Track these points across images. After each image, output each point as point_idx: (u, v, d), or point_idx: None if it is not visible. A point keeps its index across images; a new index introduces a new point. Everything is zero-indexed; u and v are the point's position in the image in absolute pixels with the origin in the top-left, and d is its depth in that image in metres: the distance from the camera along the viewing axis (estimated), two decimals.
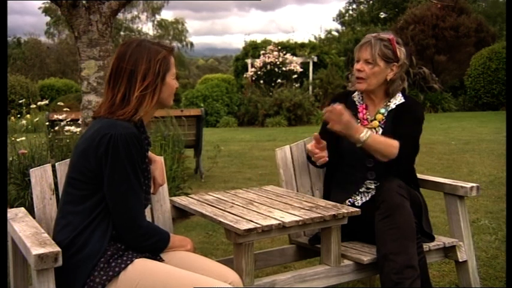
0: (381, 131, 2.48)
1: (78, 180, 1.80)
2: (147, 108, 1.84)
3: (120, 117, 1.80)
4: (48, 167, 2.10)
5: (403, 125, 2.42)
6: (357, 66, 2.47)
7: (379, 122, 2.49)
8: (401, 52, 2.46)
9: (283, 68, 15.97)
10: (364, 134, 2.27)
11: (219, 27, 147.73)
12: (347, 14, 33.00)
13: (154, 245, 1.86)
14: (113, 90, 1.83)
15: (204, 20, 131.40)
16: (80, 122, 4.39)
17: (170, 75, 1.89)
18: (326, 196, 2.57)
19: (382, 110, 2.51)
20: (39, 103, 4.96)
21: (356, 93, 2.61)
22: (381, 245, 2.17)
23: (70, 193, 1.82)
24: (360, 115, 2.53)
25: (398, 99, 2.52)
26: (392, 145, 2.31)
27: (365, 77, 2.45)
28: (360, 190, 2.46)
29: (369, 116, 2.52)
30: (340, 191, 2.50)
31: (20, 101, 5.76)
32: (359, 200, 2.45)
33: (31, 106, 4.99)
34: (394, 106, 2.50)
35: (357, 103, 2.58)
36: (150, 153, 2.11)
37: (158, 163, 2.11)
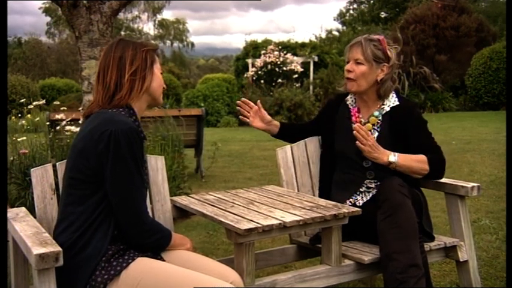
0: (376, 134, 2.48)
1: (77, 180, 1.79)
2: (137, 94, 1.87)
3: (118, 104, 1.83)
4: (49, 166, 2.10)
5: (419, 135, 2.46)
6: (347, 66, 2.49)
7: (373, 125, 2.49)
8: (392, 53, 2.47)
9: (284, 68, 15.97)
10: (393, 155, 2.34)
11: (219, 27, 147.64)
12: (348, 14, 33.00)
13: (157, 241, 1.86)
14: (104, 81, 1.85)
15: (203, 19, 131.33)
16: (80, 121, 4.40)
17: (157, 67, 1.93)
18: (325, 197, 2.56)
19: (376, 113, 2.50)
20: (35, 103, 4.95)
21: (349, 96, 2.62)
22: (383, 245, 2.16)
23: (70, 194, 1.82)
24: (353, 118, 2.54)
25: (392, 101, 2.52)
26: (423, 160, 2.39)
27: (354, 77, 2.45)
28: (361, 190, 2.46)
29: (362, 119, 2.53)
30: (340, 191, 2.50)
31: (22, 101, 5.75)
32: (360, 200, 2.44)
33: (29, 106, 4.98)
34: (388, 109, 2.50)
35: (349, 106, 2.59)
36: None
37: None
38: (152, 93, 1.92)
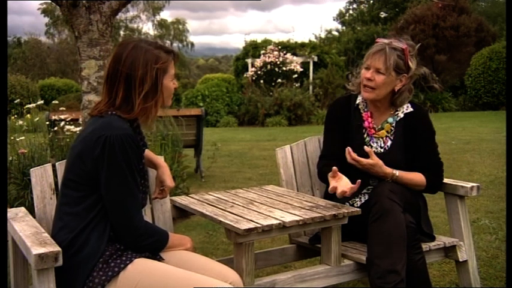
0: (389, 142, 2.44)
1: (74, 182, 1.80)
2: (153, 117, 1.87)
3: (122, 116, 1.81)
4: (48, 166, 2.10)
5: (427, 148, 2.44)
6: (366, 74, 2.38)
7: (387, 131, 2.45)
8: (412, 63, 2.41)
9: (284, 68, 15.98)
10: (392, 175, 2.34)
11: (217, 27, 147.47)
12: (347, 14, 32.99)
13: (152, 244, 1.86)
14: (111, 91, 1.83)
15: (201, 19, 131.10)
16: (80, 121, 4.39)
17: (168, 77, 1.87)
18: (329, 197, 2.54)
19: (390, 120, 2.46)
20: (33, 104, 4.95)
21: (359, 99, 2.53)
22: (368, 249, 2.17)
23: (67, 194, 1.82)
24: (366, 124, 2.47)
25: (405, 107, 2.48)
26: (418, 184, 2.40)
27: (374, 86, 2.37)
28: (361, 192, 2.44)
29: (375, 125, 2.47)
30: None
31: (16, 101, 5.76)
32: (358, 201, 2.43)
33: (30, 106, 4.98)
34: (402, 115, 2.46)
35: (361, 110, 2.51)
36: (153, 157, 2.12)
37: (164, 167, 2.12)
38: (163, 104, 1.90)
